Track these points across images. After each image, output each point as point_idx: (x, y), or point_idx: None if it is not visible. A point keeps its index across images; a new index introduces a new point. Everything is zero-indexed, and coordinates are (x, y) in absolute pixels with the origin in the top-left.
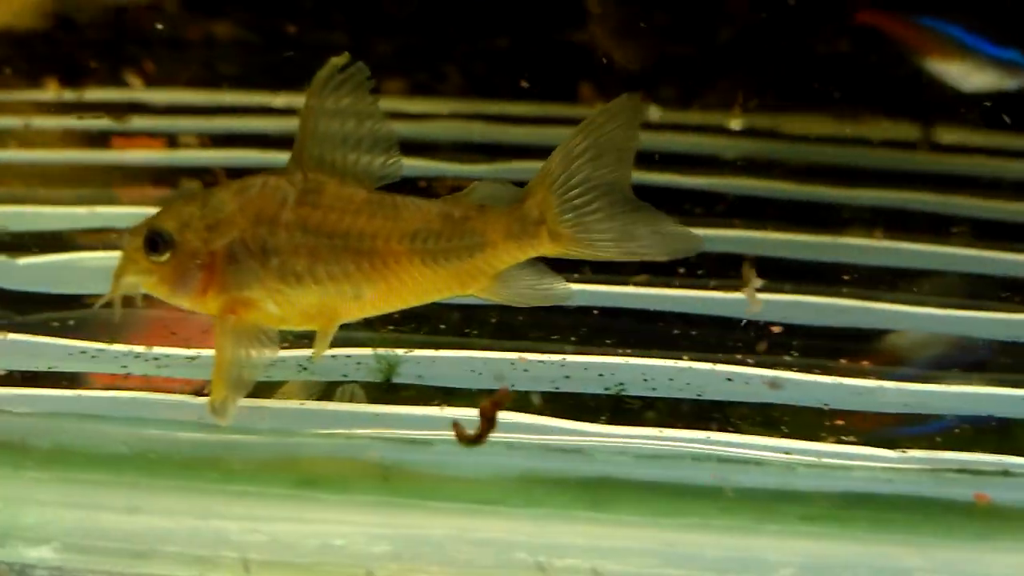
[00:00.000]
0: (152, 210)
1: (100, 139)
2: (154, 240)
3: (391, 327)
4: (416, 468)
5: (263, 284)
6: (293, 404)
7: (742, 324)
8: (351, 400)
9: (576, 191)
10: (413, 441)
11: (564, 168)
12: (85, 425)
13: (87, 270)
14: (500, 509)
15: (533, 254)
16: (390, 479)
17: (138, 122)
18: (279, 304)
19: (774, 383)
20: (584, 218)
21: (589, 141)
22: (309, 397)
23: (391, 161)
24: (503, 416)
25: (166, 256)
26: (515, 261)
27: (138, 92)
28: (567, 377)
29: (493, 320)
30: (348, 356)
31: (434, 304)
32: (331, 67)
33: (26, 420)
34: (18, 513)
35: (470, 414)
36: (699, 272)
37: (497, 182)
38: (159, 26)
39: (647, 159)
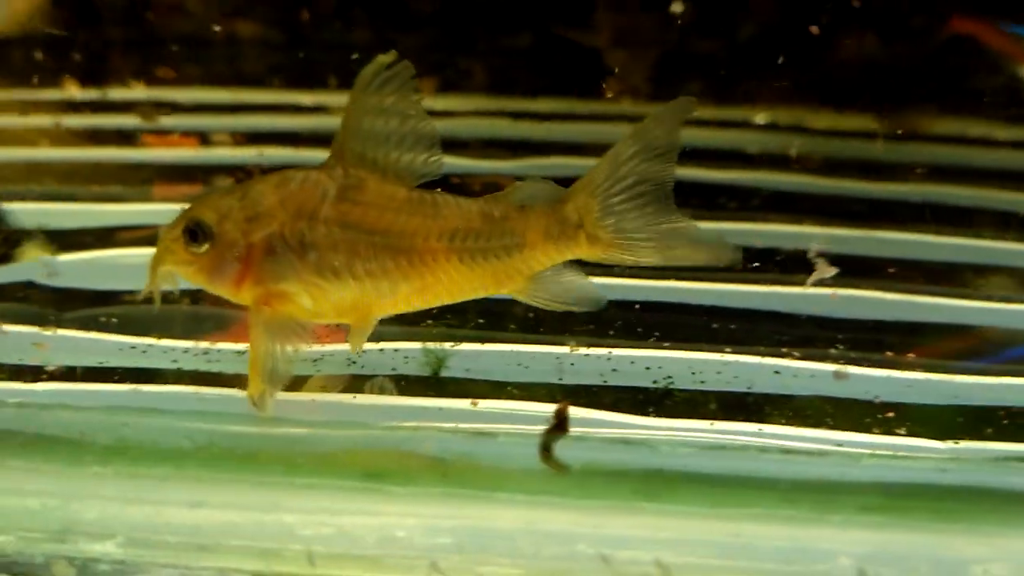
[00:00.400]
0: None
1: (128, 137)
2: (194, 231)
3: (430, 321)
4: (476, 460)
5: (300, 278)
6: (347, 398)
7: (787, 317)
8: (380, 393)
9: (618, 198)
10: (476, 433)
11: (610, 174)
12: (147, 419)
13: (128, 267)
14: (562, 501)
15: (570, 256)
16: (449, 472)
17: (165, 120)
18: (314, 298)
19: (839, 374)
20: (623, 224)
21: (638, 147)
22: (340, 389)
23: (432, 159)
24: None
25: (205, 247)
26: (552, 263)
27: (163, 90)
28: (615, 371)
29: (531, 315)
30: (396, 350)
31: (481, 298)
32: (377, 64)
33: (86, 415)
34: (80, 508)
35: (519, 407)
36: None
37: (539, 181)
38: (216, 28)
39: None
